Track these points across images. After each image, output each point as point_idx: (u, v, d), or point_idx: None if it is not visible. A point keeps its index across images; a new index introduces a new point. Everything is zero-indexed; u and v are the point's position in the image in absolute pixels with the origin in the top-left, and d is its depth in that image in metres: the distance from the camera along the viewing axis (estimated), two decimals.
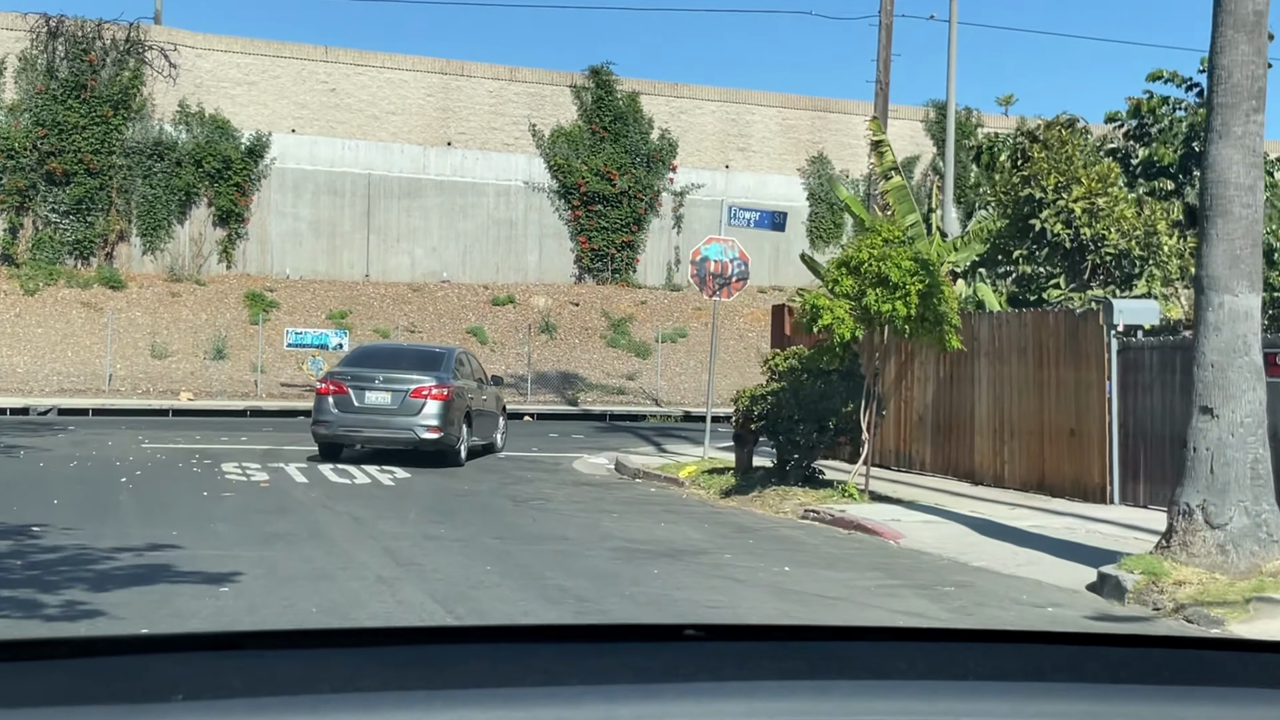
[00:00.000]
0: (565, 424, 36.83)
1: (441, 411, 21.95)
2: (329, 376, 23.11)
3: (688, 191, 50.27)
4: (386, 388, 21.99)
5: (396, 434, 22.01)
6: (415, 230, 47.51)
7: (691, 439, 31.01)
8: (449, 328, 45.06)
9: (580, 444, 29.09)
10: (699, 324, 47.62)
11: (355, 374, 22.43)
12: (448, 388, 22.15)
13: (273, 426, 31.27)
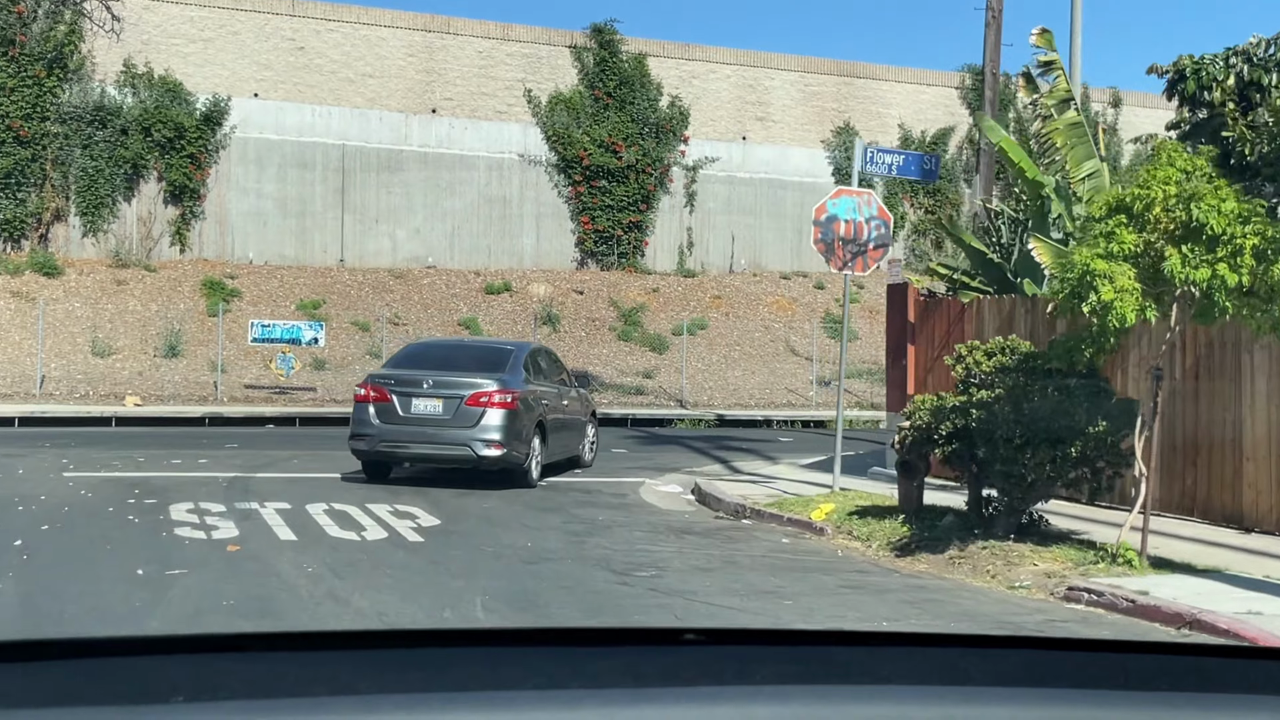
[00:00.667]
0: None
1: (505, 423, 17.57)
2: (370, 380, 18.41)
3: (701, 165, 43.97)
4: (437, 393, 17.64)
5: (449, 450, 17.70)
6: (396, 209, 41.00)
7: (759, 453, 24.77)
8: (437, 320, 38.60)
9: (629, 461, 22.76)
10: (718, 314, 41.36)
11: (400, 377, 18.03)
12: (512, 393, 17.75)
13: (238, 441, 24.71)
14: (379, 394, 17.75)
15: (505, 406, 17.51)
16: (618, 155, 42.48)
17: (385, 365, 19.94)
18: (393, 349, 36.36)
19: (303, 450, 22.83)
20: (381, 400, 17.67)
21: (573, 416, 20.58)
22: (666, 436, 29.16)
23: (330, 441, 24.96)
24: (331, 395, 34.09)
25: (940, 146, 46.54)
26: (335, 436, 26.35)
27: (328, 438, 26.03)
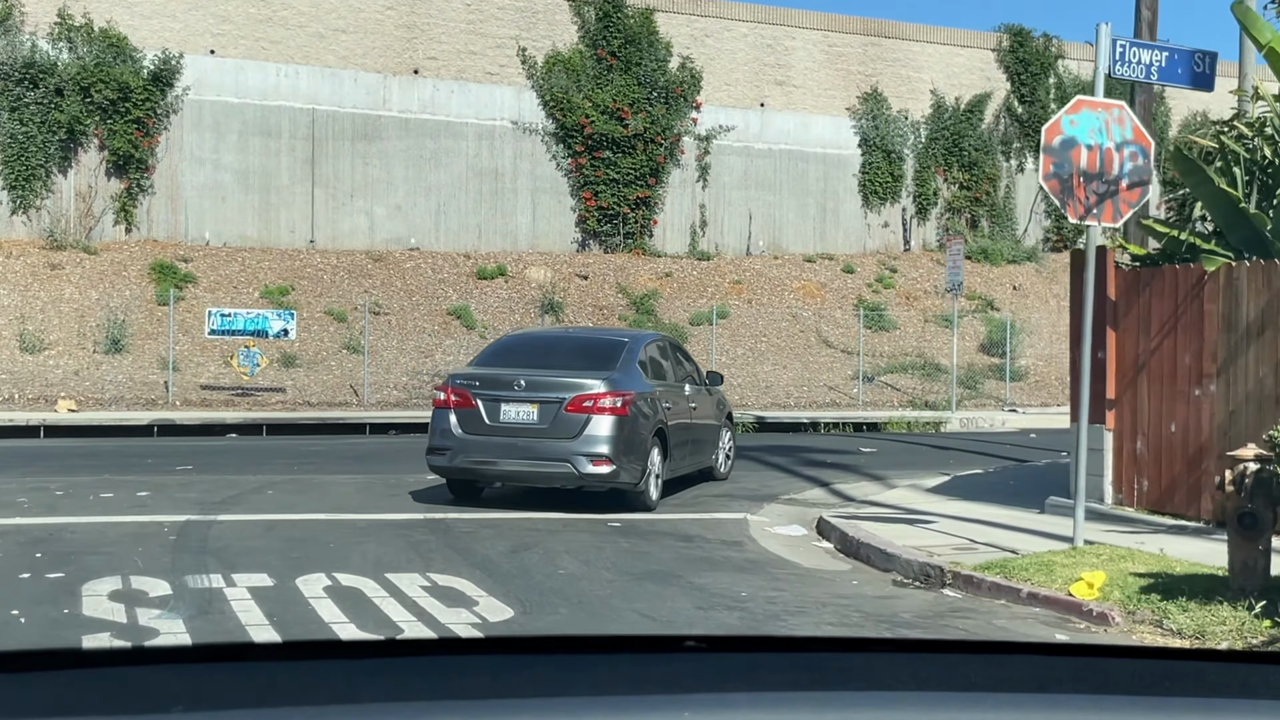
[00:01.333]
0: None
1: (615, 432, 14.12)
2: (451, 381, 14.89)
3: (715, 135, 38.55)
4: (530, 397, 14.26)
5: (545, 467, 14.22)
6: (374, 183, 35.40)
7: (852, 468, 19.50)
8: (423, 308, 33.06)
9: (704, 485, 17.32)
10: (740, 301, 35.99)
11: (486, 378, 14.56)
12: (623, 395, 14.31)
13: (194, 458, 19.07)
14: (461, 398, 14.35)
15: (615, 412, 14.03)
16: (623, 122, 37.02)
17: (472, 362, 16.09)
18: (374, 342, 30.83)
19: (277, 472, 17.32)
20: (464, 406, 14.29)
21: (702, 421, 16.86)
22: None
23: (310, 458, 19.41)
24: (304, 396, 28.52)
25: (976, 115, 41.35)
26: (314, 450, 20.78)
27: (306, 453, 20.48)
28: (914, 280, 38.77)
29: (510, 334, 17.88)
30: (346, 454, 20.55)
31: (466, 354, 31.37)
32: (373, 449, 21.57)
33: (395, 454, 20.58)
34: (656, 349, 16.07)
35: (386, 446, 22.30)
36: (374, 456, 20.07)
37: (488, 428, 14.10)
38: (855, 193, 40.08)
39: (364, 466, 18.37)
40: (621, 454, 14.02)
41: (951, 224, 40.98)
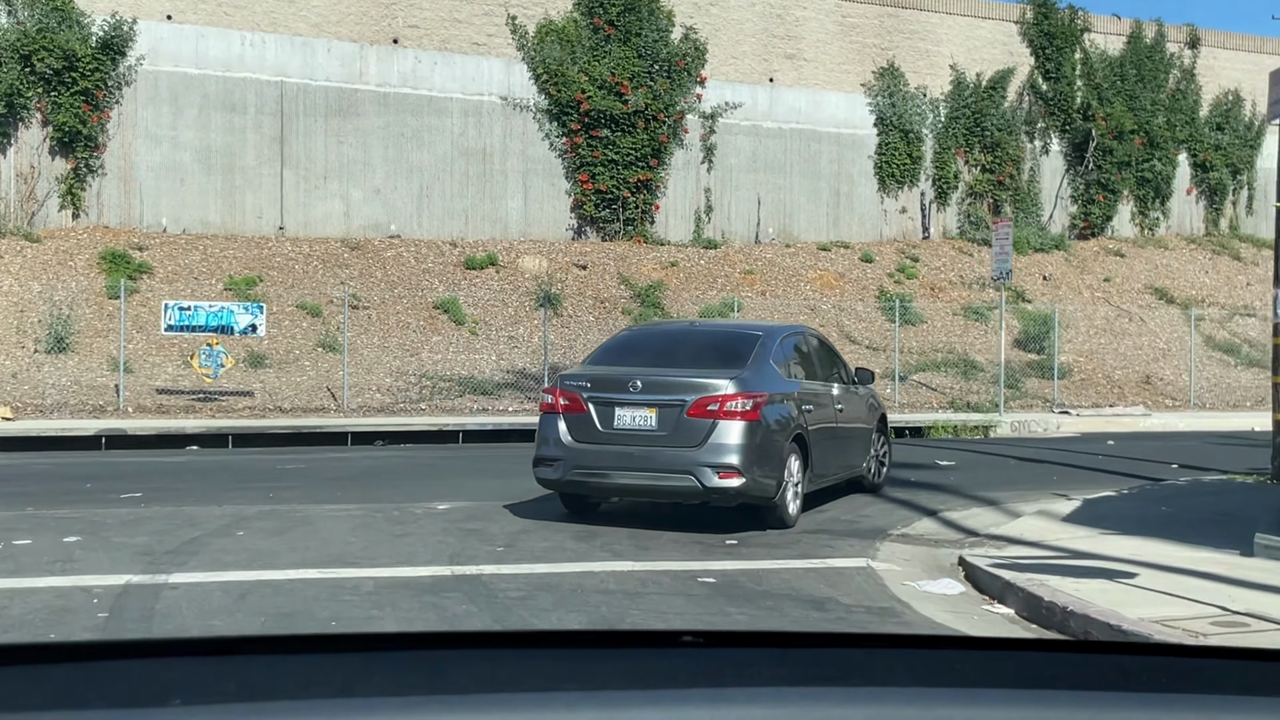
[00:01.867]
0: None
1: (745, 439, 12.03)
2: (560, 383, 12.72)
3: (720, 113, 35.01)
4: (648, 400, 12.21)
5: (665, 480, 12.14)
6: (350, 164, 31.69)
7: (944, 488, 16.02)
8: (406, 301, 29.39)
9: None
10: (753, 293, 32.48)
11: (599, 377, 12.46)
12: (754, 397, 12.18)
13: (143, 488, 15.25)
14: (571, 401, 12.48)
15: (745, 416, 12.11)
16: (622, 98, 33.42)
17: (586, 360, 13.74)
18: (353, 339, 27.13)
19: (249, 501, 13.62)
20: (574, 410, 12.45)
21: (850, 424, 14.61)
22: None
23: (288, 480, 15.74)
24: (275, 401, 24.82)
25: (998, 92, 37.96)
26: (292, 469, 17.01)
27: (282, 473, 16.80)
28: (937, 270, 35.35)
29: (630, 328, 15.21)
30: (331, 473, 16.87)
31: (456, 351, 27.76)
32: (363, 466, 17.89)
33: (392, 473, 16.92)
34: (795, 344, 13.84)
35: (378, 462, 18.64)
36: (367, 477, 16.41)
37: (600, 435, 12.16)
38: (871, 176, 36.63)
39: (357, 491, 14.72)
40: (753, 464, 11.99)
41: (973, 209, 37.59)
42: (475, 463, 18.70)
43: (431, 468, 17.82)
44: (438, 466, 18.04)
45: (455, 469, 17.72)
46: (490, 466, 17.98)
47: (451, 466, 18.13)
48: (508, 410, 25.86)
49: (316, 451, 20.70)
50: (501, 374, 27.44)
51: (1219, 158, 40.22)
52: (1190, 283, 37.54)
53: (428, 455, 19.97)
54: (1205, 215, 40.63)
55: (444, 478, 16.38)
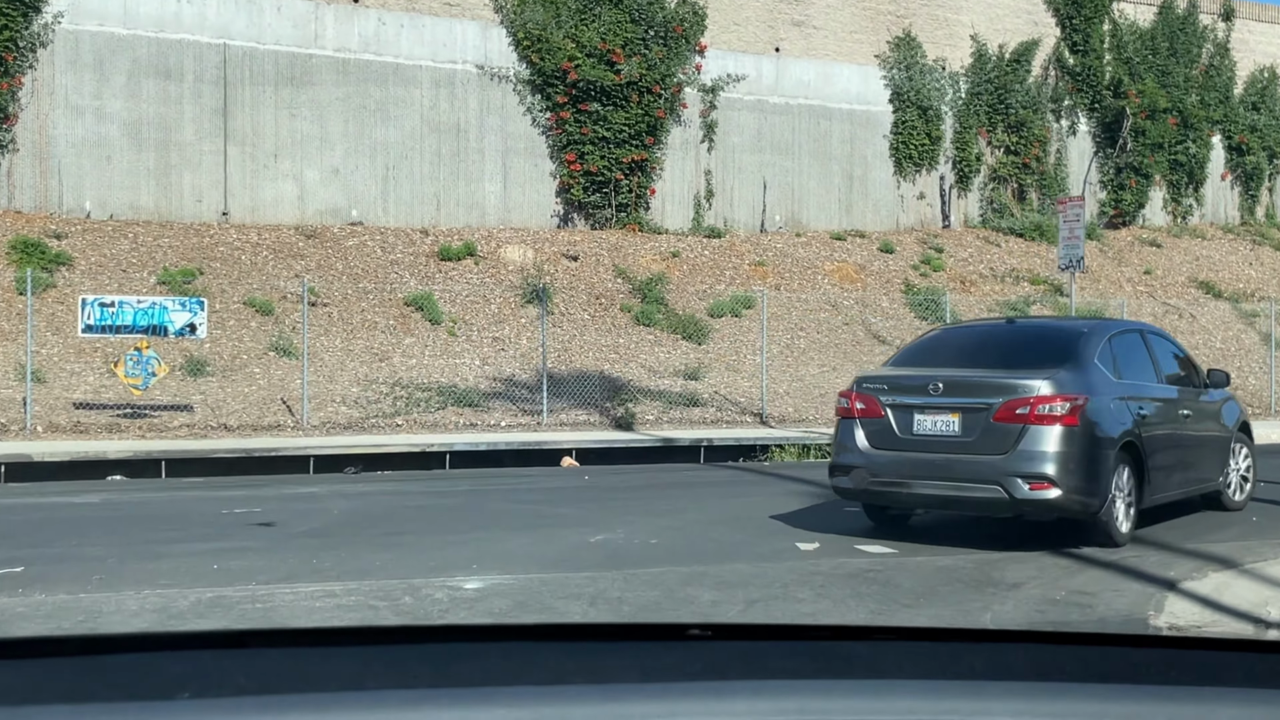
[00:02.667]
0: (664, 474, 17.11)
1: (1061, 447, 10.39)
2: (857, 386, 11.47)
3: (722, 86, 30.68)
4: (950, 403, 10.72)
5: (969, 491, 10.63)
6: (305, 140, 27.08)
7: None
8: (373, 297, 24.85)
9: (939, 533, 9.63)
10: (764, 286, 28.21)
11: (897, 380, 11.25)
12: (1072, 399, 10.47)
13: (30, 556, 10.63)
14: (867, 406, 11.23)
15: (1060, 421, 10.39)
16: (614, 68, 29.03)
17: (888, 361, 12.44)
18: (313, 342, 22.57)
19: (184, 575, 9.05)
20: (871, 415, 11.21)
21: (1198, 432, 12.61)
22: (806, 479, 15.83)
23: (244, 535, 11.06)
24: (219, 416, 20.23)
25: (1022, 66, 33.88)
26: (245, 515, 12.18)
27: (233, 524, 12.12)
28: (964, 261, 31.20)
29: (940, 326, 14.31)
30: (298, 522, 12.22)
31: (433, 355, 23.28)
32: (339, 510, 13.19)
33: (379, 519, 12.30)
34: (1127, 340, 12.02)
35: (355, 501, 14.03)
36: (347, 528, 11.80)
37: (899, 441, 11.18)
38: (886, 158, 32.42)
39: (338, 555, 10.14)
40: (1070, 473, 10.52)
41: (996, 195, 33.47)
42: (483, 500, 14.21)
43: (428, 509, 13.30)
44: (435, 507, 13.52)
45: (461, 511, 13.20)
46: (506, 506, 13.50)
47: (455, 507, 13.62)
48: (499, 425, 21.40)
49: (272, 483, 16.14)
50: (488, 382, 22.97)
51: (1255, 140, 36.34)
52: (1234, 275, 33.63)
53: (416, 489, 15.45)
54: (1240, 202, 36.75)
55: (452, 526, 11.89)
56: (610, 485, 15.70)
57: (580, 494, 14.64)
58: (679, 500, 13.89)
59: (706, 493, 14.74)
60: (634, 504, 13.51)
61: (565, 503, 13.62)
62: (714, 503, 13.65)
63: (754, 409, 23.33)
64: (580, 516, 12.37)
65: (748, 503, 13.54)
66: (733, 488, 15.38)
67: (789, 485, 15.31)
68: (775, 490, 14.80)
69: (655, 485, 15.71)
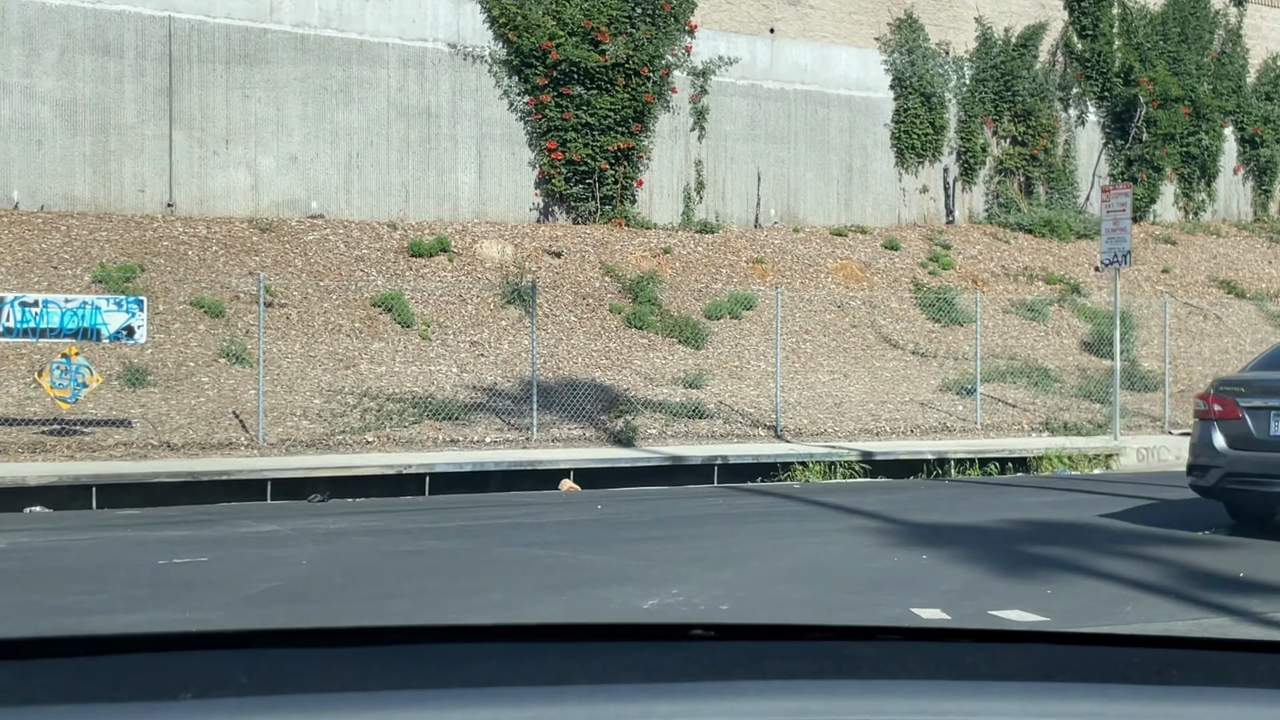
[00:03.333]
0: (688, 503, 14.45)
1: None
2: (1215, 389, 11.82)
3: (713, 70, 28.09)
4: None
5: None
6: (260, 124, 24.25)
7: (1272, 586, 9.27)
8: (337, 298, 22.07)
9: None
10: (765, 285, 25.66)
11: (1254, 382, 11.65)
12: None
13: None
14: (1225, 408, 11.53)
15: None
16: (598, 47, 26.37)
17: (1247, 366, 12.64)
18: (269, 347, 19.76)
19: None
20: (1229, 416, 11.50)
21: None
22: (862, 509, 13.17)
23: (176, 597, 8.24)
24: (162, 434, 17.40)
25: (1029, 50, 31.49)
26: (181, 568, 9.09)
27: (165, 588, 9.29)
28: (974, 259, 28.74)
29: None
30: (256, 578, 9.37)
31: (404, 362, 20.57)
32: (307, 562, 10.39)
33: (359, 577, 9.53)
34: None
35: (325, 546, 11.22)
36: (317, 588, 9.03)
37: (1256, 442, 11.24)
38: (887, 148, 29.93)
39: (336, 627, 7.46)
40: None
41: (1002, 189, 31.06)
42: (484, 542, 11.46)
43: (420, 558, 10.53)
44: (428, 554, 10.75)
45: (463, 560, 10.40)
46: (516, 553, 10.75)
47: (452, 553, 10.86)
48: (483, 442, 18.68)
49: (223, 516, 13.36)
50: (467, 391, 20.26)
51: (1269, 131, 34.10)
52: (1255, 274, 31.35)
53: (399, 526, 12.70)
54: (1253, 198, 34.48)
55: (456, 585, 9.13)
56: (631, 518, 13.03)
57: (600, 532, 11.94)
58: (726, 539, 11.22)
59: (752, 529, 12.07)
60: (673, 546, 10.84)
61: (587, 545, 10.91)
62: (767, 543, 11.01)
63: (765, 421, 20.72)
64: (615, 568, 9.68)
65: (812, 543, 10.91)
66: (778, 522, 12.73)
67: (844, 518, 12.68)
68: (832, 525, 12.17)
69: (685, 518, 13.02)
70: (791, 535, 11.54)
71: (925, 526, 11.90)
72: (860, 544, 10.86)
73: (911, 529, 11.72)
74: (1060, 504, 14.09)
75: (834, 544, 10.82)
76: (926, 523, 12.28)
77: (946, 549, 10.51)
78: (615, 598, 8.38)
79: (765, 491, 15.86)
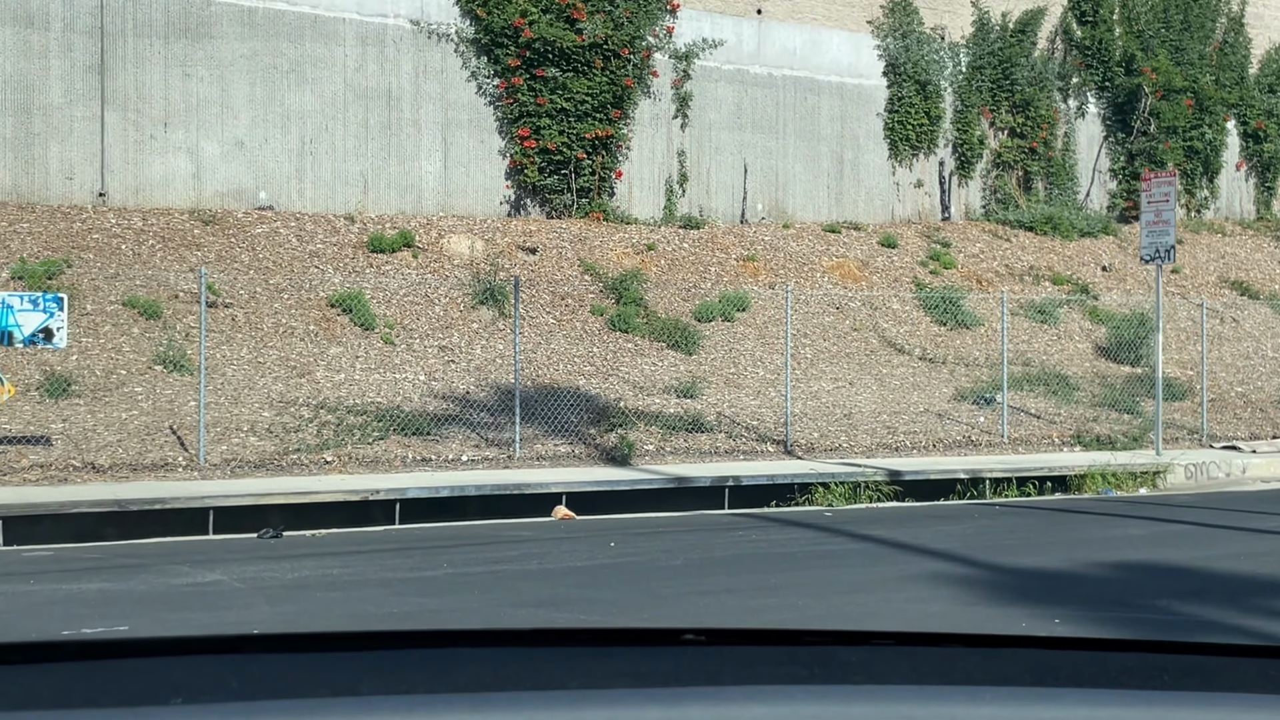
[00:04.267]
0: (714, 538, 12.12)
1: None
2: None
3: (697, 53, 25.80)
4: None
5: None
6: (202, 105, 21.70)
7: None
8: (289, 297, 19.58)
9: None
10: (756, 284, 23.40)
11: None
12: None
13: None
14: None
15: None
16: (575, 26, 24.00)
17: None
18: (212, 353, 17.22)
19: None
20: None
21: None
22: (928, 547, 10.88)
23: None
24: (86, 453, 14.86)
25: (1027, 37, 29.42)
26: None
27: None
28: (974, 258, 26.60)
29: None
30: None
31: (366, 369, 18.16)
32: (275, 625, 8.00)
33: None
34: None
35: (297, 602, 8.77)
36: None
37: None
38: (880, 139, 27.74)
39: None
40: None
41: (1000, 184, 28.97)
42: (484, 599, 9.06)
43: (408, 623, 8.13)
44: (417, 617, 8.34)
45: (463, 626, 8.06)
46: (528, 615, 8.37)
47: (447, 613, 8.46)
48: (459, 460, 16.27)
49: (155, 557, 10.88)
50: (437, 402, 17.83)
51: (1272, 125, 32.21)
52: (1265, 275, 29.43)
53: (373, 572, 10.26)
54: (1256, 195, 32.59)
55: None
56: (657, 561, 10.66)
57: (629, 582, 9.56)
58: (795, 594, 8.90)
59: (816, 577, 9.74)
60: (736, 605, 8.50)
61: (624, 605, 8.55)
62: (852, 602, 8.67)
63: (771, 435, 18.42)
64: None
65: (898, 599, 8.60)
66: (841, 567, 10.40)
67: (914, 560, 10.38)
68: (906, 570, 9.87)
69: (723, 561, 10.65)
70: (870, 588, 9.21)
71: (1020, 574, 9.63)
72: (963, 600, 8.57)
73: (1005, 577, 9.45)
74: (1152, 540, 11.86)
75: (931, 601, 8.52)
76: (1016, 567, 10.00)
77: (1072, 609, 8.25)
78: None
79: (796, 521, 13.52)
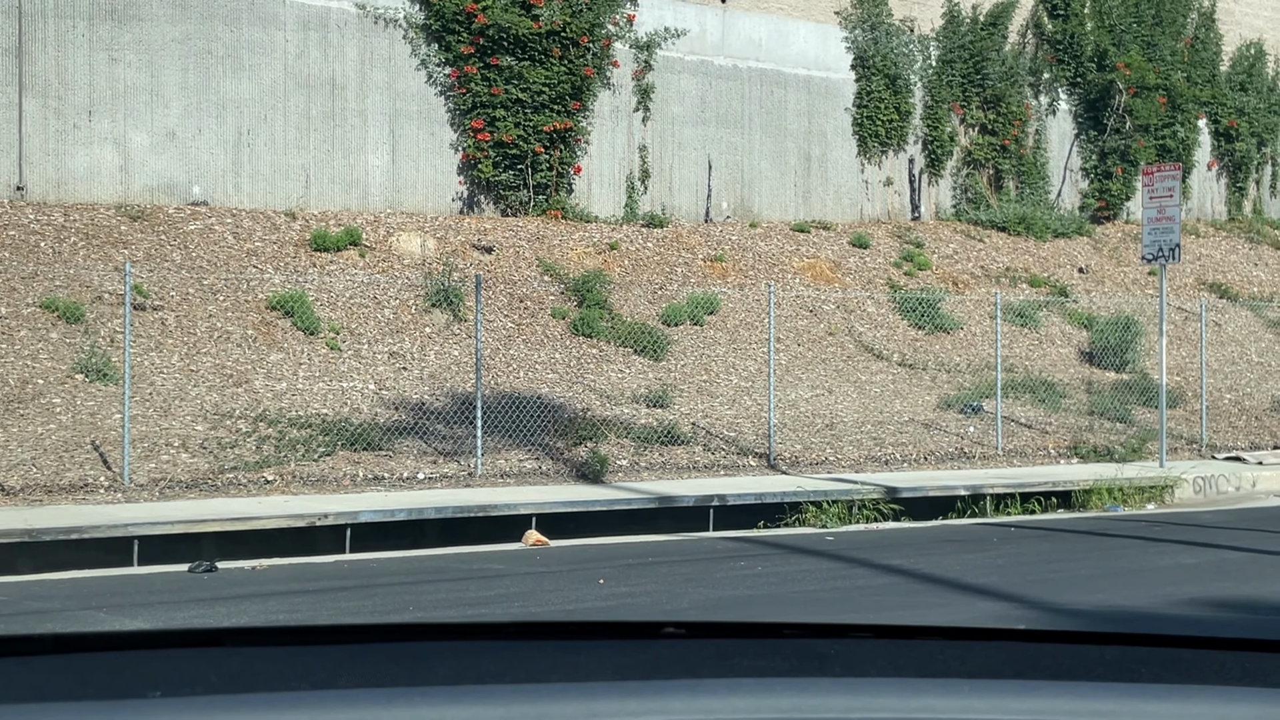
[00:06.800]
0: (721, 568, 10.61)
1: None
2: None
3: (658, 43, 24.30)
4: None
5: None
6: (129, 93, 19.91)
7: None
8: (224, 299, 17.86)
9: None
10: (725, 285, 21.95)
11: None
12: None
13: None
14: None
15: None
16: (531, 12, 22.44)
17: None
18: (139, 360, 15.42)
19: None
20: None
21: None
22: (961, 580, 9.44)
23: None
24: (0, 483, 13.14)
25: (998, 30, 28.19)
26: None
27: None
28: (949, 259, 25.28)
29: None
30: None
31: (310, 378, 16.51)
32: None
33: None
34: None
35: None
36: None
37: None
38: (849, 135, 26.37)
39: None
40: None
41: (971, 182, 27.69)
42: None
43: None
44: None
45: None
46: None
47: None
48: (415, 478, 14.65)
49: (64, 610, 9.20)
50: (389, 413, 16.20)
51: (1244, 124, 31.20)
52: (1243, 276, 28.37)
53: (335, 609, 8.67)
54: (1228, 195, 31.55)
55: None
56: (654, 603, 9.10)
57: None
58: None
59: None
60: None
61: None
62: None
63: (752, 447, 16.95)
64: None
65: None
66: (869, 608, 8.89)
67: (957, 599, 8.92)
68: (955, 614, 8.40)
69: (734, 601, 9.11)
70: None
71: (1102, 618, 8.18)
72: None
73: (1088, 623, 7.99)
74: (1214, 570, 10.49)
75: None
76: (1074, 608, 8.57)
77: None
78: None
79: (797, 547, 12.01)
